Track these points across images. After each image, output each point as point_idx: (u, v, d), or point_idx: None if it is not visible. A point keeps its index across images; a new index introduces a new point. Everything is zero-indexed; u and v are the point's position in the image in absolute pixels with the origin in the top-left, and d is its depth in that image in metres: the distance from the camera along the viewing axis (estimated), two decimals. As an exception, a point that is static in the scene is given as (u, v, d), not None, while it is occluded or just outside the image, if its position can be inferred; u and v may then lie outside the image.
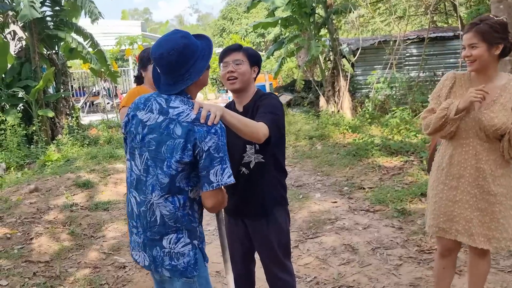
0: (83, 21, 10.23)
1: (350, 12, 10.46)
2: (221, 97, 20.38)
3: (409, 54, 11.87)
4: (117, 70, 12.81)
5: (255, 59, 2.30)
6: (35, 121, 8.74)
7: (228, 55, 2.26)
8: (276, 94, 3.51)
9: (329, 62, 11.41)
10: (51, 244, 4.11)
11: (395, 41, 10.36)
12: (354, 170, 6.27)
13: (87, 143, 9.04)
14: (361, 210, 4.71)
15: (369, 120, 9.38)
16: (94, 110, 16.61)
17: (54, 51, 9.96)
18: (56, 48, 10.02)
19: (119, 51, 14.39)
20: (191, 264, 1.79)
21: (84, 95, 17.25)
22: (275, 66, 14.34)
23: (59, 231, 4.42)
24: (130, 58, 16.15)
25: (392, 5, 14.39)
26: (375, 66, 11.55)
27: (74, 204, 5.15)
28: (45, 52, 9.76)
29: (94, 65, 9.87)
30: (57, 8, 9.81)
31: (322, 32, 11.72)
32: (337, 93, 10.88)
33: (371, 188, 5.40)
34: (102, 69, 10.55)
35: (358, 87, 12.02)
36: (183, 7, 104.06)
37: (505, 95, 2.23)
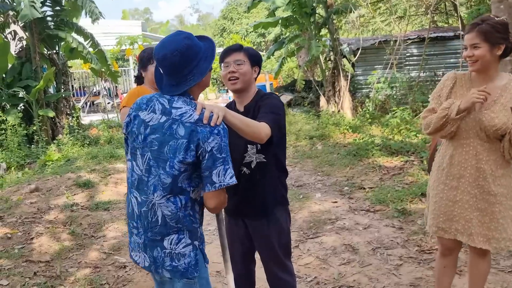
0: (83, 21, 10.23)
1: (351, 12, 10.46)
2: (221, 97, 20.36)
3: (409, 54, 11.87)
4: (118, 70, 12.80)
5: (255, 59, 2.30)
6: (35, 121, 8.74)
7: (229, 55, 2.26)
8: (276, 94, 3.51)
9: (329, 62, 11.42)
10: (52, 244, 4.12)
11: (395, 41, 10.36)
12: (354, 170, 6.27)
13: (88, 143, 9.05)
14: (362, 210, 4.71)
15: (370, 120, 9.38)
16: (95, 110, 16.61)
17: (54, 51, 9.98)
18: (57, 48, 10.03)
19: (119, 51, 14.38)
20: (192, 265, 1.79)
21: (84, 95, 17.28)
22: (275, 66, 14.34)
23: (59, 231, 4.42)
24: (131, 58, 16.17)
25: (393, 5, 14.38)
26: (375, 66, 11.54)
27: (75, 204, 5.16)
28: (45, 52, 9.78)
29: (95, 65, 9.88)
30: (57, 8, 9.82)
31: (322, 32, 11.73)
32: (338, 93, 10.88)
33: (371, 188, 5.40)
34: (102, 69, 10.55)
35: (359, 87, 12.03)
36: (183, 7, 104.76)
37: (505, 95, 2.23)
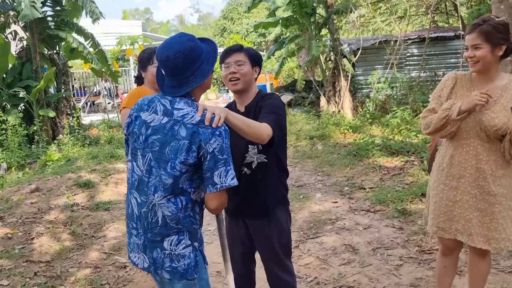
0: (84, 21, 10.24)
1: (351, 12, 10.46)
2: (222, 97, 20.35)
3: (410, 54, 11.87)
4: (118, 70, 12.80)
5: (256, 59, 2.30)
6: (36, 121, 8.75)
7: (229, 56, 2.26)
8: (277, 94, 3.51)
9: (330, 62, 11.42)
10: (52, 244, 4.12)
11: (396, 41, 10.36)
12: (354, 170, 6.27)
13: (88, 143, 9.06)
14: (362, 210, 4.71)
15: (370, 120, 9.39)
16: (95, 110, 16.61)
17: (55, 51, 9.99)
18: (57, 48, 10.03)
19: (120, 51, 14.38)
20: (191, 266, 1.79)
21: (85, 95, 17.28)
22: (276, 66, 14.33)
23: (60, 231, 4.42)
24: (131, 58, 16.16)
25: (393, 5, 14.37)
26: (376, 66, 11.54)
27: (75, 204, 5.16)
28: (46, 52, 9.79)
29: (95, 65, 9.88)
30: (58, 8, 9.82)
31: (323, 32, 11.73)
32: (338, 93, 10.88)
33: (371, 188, 5.40)
34: (103, 69, 10.55)
35: (359, 87, 12.03)
36: (184, 7, 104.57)
37: (506, 96, 2.23)
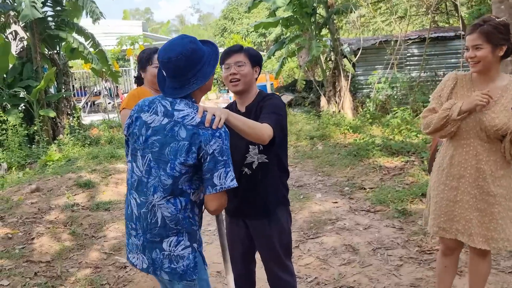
0: (84, 21, 10.24)
1: (351, 12, 10.46)
2: (222, 97, 20.34)
3: (410, 54, 11.86)
4: (118, 70, 12.80)
5: (256, 59, 2.30)
6: (36, 121, 8.75)
7: (229, 57, 2.26)
8: (278, 94, 3.51)
9: (330, 62, 11.42)
10: (52, 244, 4.12)
11: (396, 41, 10.35)
12: (355, 170, 6.27)
13: (88, 143, 9.06)
14: (362, 211, 4.71)
15: (370, 120, 9.39)
16: (95, 110, 16.62)
17: (55, 51, 9.99)
18: (58, 48, 10.04)
19: (120, 51, 14.38)
20: (190, 267, 1.79)
21: (85, 95, 17.29)
22: (276, 66, 14.34)
23: (60, 231, 4.43)
24: (131, 58, 16.16)
25: (393, 5, 14.38)
26: (376, 66, 11.54)
27: (75, 204, 5.16)
28: (46, 52, 9.79)
29: (95, 65, 9.88)
30: (58, 8, 9.82)
31: (323, 32, 11.73)
32: (338, 93, 10.88)
33: (372, 188, 5.40)
34: (103, 69, 10.55)
35: (359, 87, 12.02)
36: (184, 7, 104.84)
37: (506, 96, 2.23)
